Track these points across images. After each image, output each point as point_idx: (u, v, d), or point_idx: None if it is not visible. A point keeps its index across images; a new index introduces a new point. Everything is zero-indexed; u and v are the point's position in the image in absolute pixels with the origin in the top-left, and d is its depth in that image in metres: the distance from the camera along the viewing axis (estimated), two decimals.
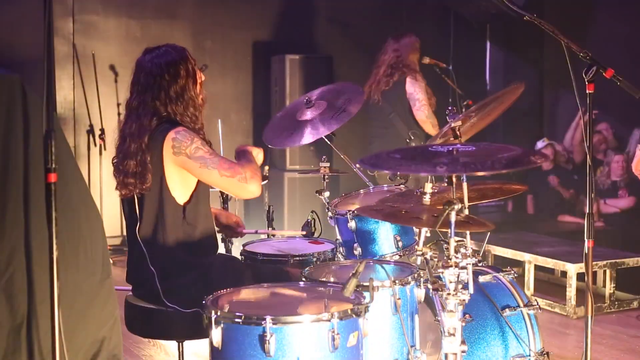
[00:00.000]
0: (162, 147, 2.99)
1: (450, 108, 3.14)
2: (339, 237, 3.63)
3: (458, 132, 3.03)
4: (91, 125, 7.21)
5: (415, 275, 2.94)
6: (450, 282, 2.53)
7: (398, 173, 3.72)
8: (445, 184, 3.00)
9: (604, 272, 5.44)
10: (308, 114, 3.89)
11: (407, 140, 5.66)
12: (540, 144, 7.50)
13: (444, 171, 2.53)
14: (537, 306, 3.25)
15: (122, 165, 3.05)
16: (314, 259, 3.47)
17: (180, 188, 3.05)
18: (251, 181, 2.98)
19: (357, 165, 4.00)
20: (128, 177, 3.03)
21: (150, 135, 3.02)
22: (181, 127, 3.03)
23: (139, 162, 3.00)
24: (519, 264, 5.77)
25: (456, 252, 2.53)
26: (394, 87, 5.71)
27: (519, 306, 3.21)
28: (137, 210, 3.08)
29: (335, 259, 3.56)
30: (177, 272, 3.05)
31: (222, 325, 2.44)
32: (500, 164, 2.48)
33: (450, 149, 2.66)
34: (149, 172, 3.00)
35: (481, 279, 3.27)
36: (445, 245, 2.60)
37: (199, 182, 3.08)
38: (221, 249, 3.52)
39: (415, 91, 5.62)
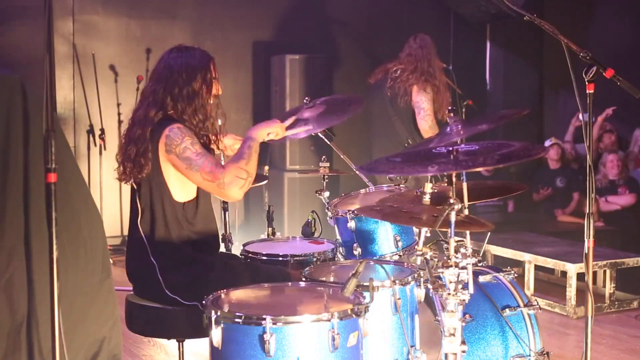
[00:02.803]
0: (158, 143, 3.01)
1: (450, 108, 3.13)
2: (338, 237, 3.63)
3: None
4: (91, 125, 7.21)
5: (415, 275, 2.94)
6: (450, 282, 2.53)
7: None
8: (445, 184, 3.00)
9: (604, 272, 5.43)
10: (305, 114, 3.91)
11: (406, 145, 5.64)
12: (546, 144, 7.51)
13: (435, 170, 2.55)
14: (537, 306, 3.25)
15: (126, 149, 3.06)
16: (314, 259, 3.47)
17: (179, 185, 3.06)
18: (229, 187, 2.95)
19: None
20: (128, 162, 3.05)
21: (153, 128, 3.04)
22: (177, 124, 3.04)
23: (139, 150, 3.02)
24: (519, 264, 5.77)
25: (456, 252, 2.53)
26: (404, 92, 5.64)
27: (519, 306, 3.21)
28: (138, 200, 3.09)
29: (335, 259, 3.56)
30: (177, 267, 3.06)
31: (222, 325, 2.44)
32: (492, 160, 2.50)
33: (450, 149, 2.67)
34: (147, 162, 3.02)
35: (481, 279, 3.27)
36: (445, 245, 2.60)
37: None
38: (221, 249, 3.52)
39: (421, 100, 5.56)
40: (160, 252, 3.06)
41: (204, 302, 2.57)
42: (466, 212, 2.82)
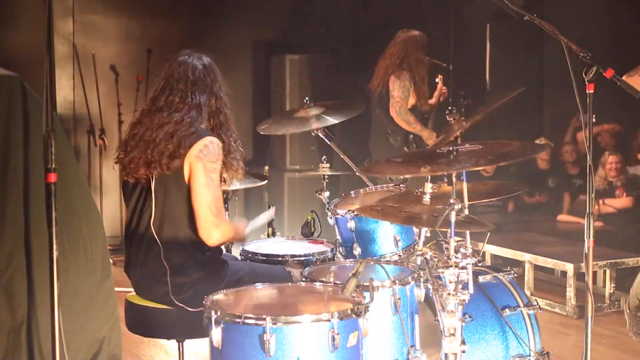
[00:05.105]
0: (193, 146, 3.00)
1: (450, 108, 3.14)
2: (338, 237, 3.63)
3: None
4: (91, 125, 7.21)
5: (415, 275, 2.94)
6: (450, 282, 2.53)
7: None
8: (446, 184, 3.01)
9: (604, 272, 5.44)
10: (304, 113, 3.95)
11: (387, 134, 5.75)
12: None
13: (427, 172, 2.55)
14: (537, 306, 3.25)
15: (163, 144, 3.03)
16: (314, 259, 3.47)
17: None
18: (214, 237, 3.02)
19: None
20: (162, 157, 3.01)
21: (193, 131, 3.04)
22: (218, 139, 3.08)
23: (177, 146, 3.02)
24: (519, 264, 5.77)
25: (456, 252, 2.53)
26: (384, 84, 5.77)
27: (519, 306, 3.22)
28: (154, 201, 3.06)
29: (335, 259, 3.56)
30: (186, 270, 3.05)
31: (222, 325, 2.44)
32: (485, 160, 2.51)
33: (451, 149, 2.67)
34: (178, 157, 3.01)
35: (481, 279, 3.27)
36: (445, 245, 2.60)
37: None
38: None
39: (394, 89, 5.68)
40: (171, 255, 3.05)
41: (203, 302, 2.57)
42: (466, 212, 2.82)
